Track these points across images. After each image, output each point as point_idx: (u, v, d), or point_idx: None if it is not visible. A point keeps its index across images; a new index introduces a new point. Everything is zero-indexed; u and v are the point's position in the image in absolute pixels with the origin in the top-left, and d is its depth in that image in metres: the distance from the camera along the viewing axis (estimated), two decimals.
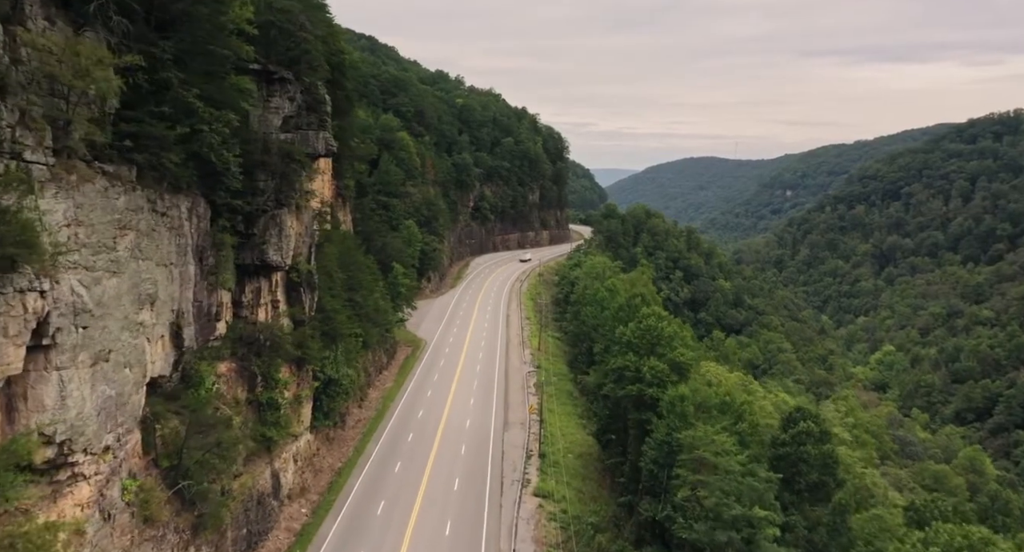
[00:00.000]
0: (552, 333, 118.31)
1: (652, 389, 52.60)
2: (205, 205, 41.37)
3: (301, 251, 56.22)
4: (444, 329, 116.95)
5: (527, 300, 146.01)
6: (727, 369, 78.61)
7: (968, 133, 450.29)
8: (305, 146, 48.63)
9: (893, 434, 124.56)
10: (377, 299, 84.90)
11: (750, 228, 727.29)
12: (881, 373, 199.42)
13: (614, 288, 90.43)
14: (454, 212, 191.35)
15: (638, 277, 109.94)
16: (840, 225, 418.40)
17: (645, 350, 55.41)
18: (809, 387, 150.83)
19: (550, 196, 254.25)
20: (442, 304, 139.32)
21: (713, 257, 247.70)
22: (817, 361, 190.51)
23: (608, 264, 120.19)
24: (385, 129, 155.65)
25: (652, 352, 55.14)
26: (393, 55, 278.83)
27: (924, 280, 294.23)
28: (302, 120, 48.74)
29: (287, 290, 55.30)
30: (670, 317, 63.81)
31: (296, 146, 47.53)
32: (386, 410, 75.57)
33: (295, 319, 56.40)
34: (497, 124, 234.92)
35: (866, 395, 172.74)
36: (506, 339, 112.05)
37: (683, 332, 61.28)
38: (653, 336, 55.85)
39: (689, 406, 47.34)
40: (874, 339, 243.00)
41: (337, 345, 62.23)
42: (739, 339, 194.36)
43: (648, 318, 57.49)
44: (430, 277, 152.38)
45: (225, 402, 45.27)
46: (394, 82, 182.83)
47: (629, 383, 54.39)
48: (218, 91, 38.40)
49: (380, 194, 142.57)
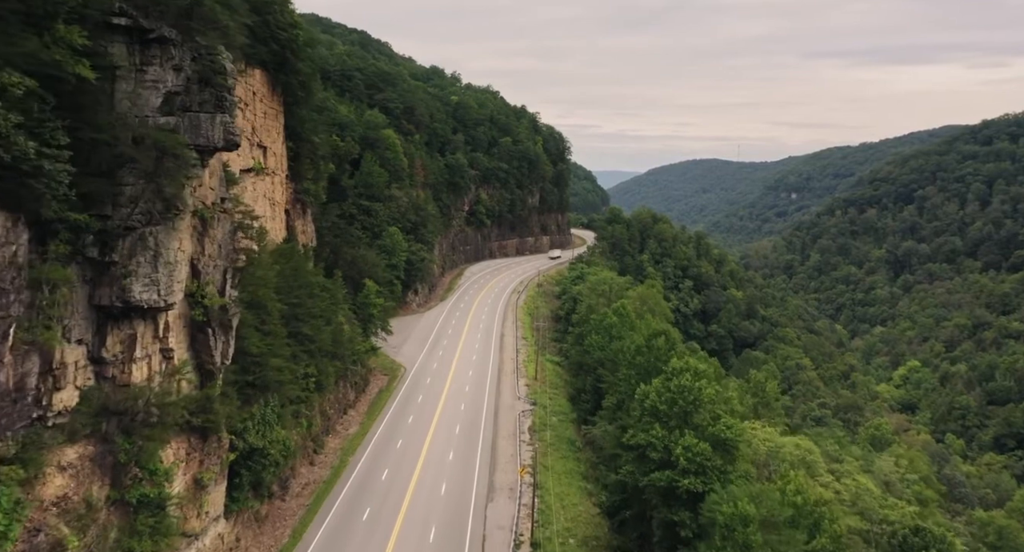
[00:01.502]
0: (551, 357, 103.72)
1: (688, 479, 38.12)
2: (13, 220, 27.00)
3: (210, 279, 41.71)
4: (428, 352, 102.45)
5: (524, 316, 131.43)
6: (774, 427, 63.82)
7: (982, 134, 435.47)
8: (194, 135, 34.14)
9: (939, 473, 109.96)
10: (339, 327, 70.45)
11: (754, 231, 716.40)
12: (908, 392, 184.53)
13: (624, 312, 75.95)
14: (447, 217, 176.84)
15: (647, 292, 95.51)
16: (851, 229, 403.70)
17: (676, 421, 40.81)
18: (836, 412, 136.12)
19: (551, 199, 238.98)
20: (429, 320, 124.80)
21: (724, 264, 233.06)
22: (839, 379, 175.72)
23: (616, 280, 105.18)
24: (369, 126, 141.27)
25: (686, 422, 40.61)
26: (386, 51, 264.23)
27: (944, 288, 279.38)
28: (192, 98, 34.24)
29: (189, 334, 40.82)
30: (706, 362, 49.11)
31: (179, 135, 33.00)
32: (344, 467, 60.98)
33: (202, 372, 41.91)
34: (494, 123, 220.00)
35: (894, 418, 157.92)
36: (498, 365, 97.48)
37: (727, 390, 46.48)
38: (688, 401, 41.24)
39: (754, 531, 32.38)
40: (895, 352, 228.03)
41: (268, 399, 47.66)
42: (755, 355, 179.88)
43: (680, 375, 42.63)
44: (417, 289, 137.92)
45: (66, 510, 30.73)
46: (381, 76, 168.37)
47: (655, 467, 39.79)
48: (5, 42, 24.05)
49: (362, 198, 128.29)
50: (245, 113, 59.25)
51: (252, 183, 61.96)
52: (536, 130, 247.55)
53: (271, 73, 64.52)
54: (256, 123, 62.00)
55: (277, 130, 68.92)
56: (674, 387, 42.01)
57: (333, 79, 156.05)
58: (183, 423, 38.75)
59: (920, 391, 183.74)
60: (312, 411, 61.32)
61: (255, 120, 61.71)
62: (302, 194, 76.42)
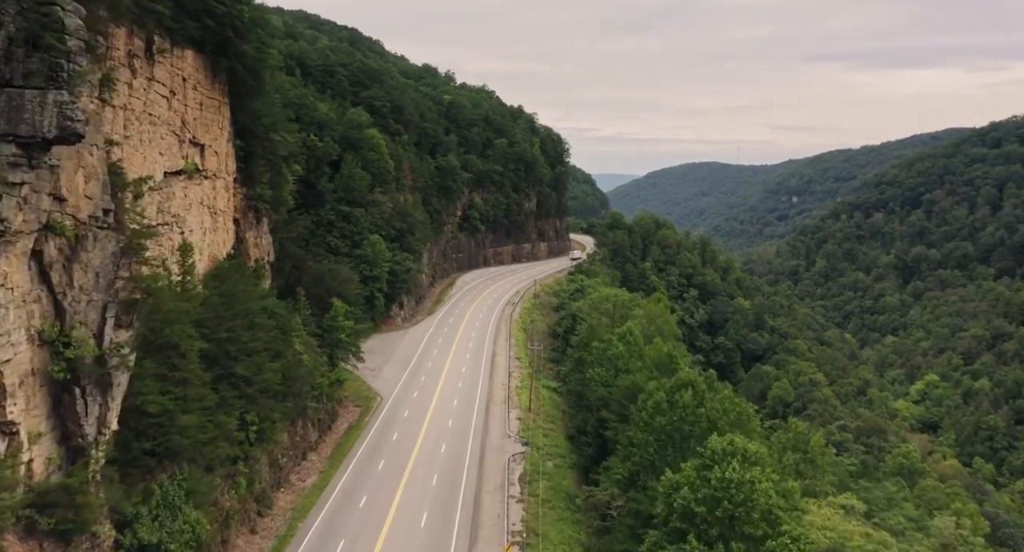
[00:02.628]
0: (547, 382, 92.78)
1: None
2: None
3: (80, 320, 30.75)
4: (410, 376, 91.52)
5: (518, 332, 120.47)
6: (837, 512, 52.20)
7: (991, 137, 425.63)
8: (15, 121, 23.17)
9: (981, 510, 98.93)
10: (295, 360, 59.45)
11: (755, 235, 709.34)
12: (928, 410, 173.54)
13: (631, 339, 65.03)
14: (438, 223, 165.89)
15: (654, 309, 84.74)
16: (857, 234, 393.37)
17: (719, 529, 29.61)
18: (858, 436, 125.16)
19: (548, 203, 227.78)
20: (415, 337, 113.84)
21: (730, 272, 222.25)
22: (855, 396, 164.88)
23: (620, 297, 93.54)
24: (351, 125, 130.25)
25: (732, 531, 29.59)
26: (376, 49, 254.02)
27: (957, 296, 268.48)
28: (14, 68, 23.37)
29: (49, 396, 29.87)
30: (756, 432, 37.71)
31: None
32: (292, 536, 49.85)
33: (69, 447, 30.96)
34: (489, 124, 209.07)
35: (916, 439, 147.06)
36: (487, 392, 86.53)
37: (791, 484, 34.45)
38: (736, 502, 29.98)
39: None
40: (910, 365, 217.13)
41: (176, 471, 36.63)
42: (766, 370, 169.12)
43: (724, 463, 30.96)
44: (403, 302, 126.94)
45: None
46: (367, 73, 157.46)
47: None
48: None
49: (342, 203, 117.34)
50: (172, 102, 48.26)
51: (183, 188, 50.94)
52: (533, 131, 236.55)
53: (209, 56, 53.53)
54: (187, 116, 50.99)
55: (220, 125, 57.94)
56: (716, 481, 30.67)
57: (314, 75, 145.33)
58: (27, 524, 27.78)
59: (942, 409, 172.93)
60: (254, 467, 50.25)
61: (186, 112, 50.71)
62: (255, 200, 65.42)
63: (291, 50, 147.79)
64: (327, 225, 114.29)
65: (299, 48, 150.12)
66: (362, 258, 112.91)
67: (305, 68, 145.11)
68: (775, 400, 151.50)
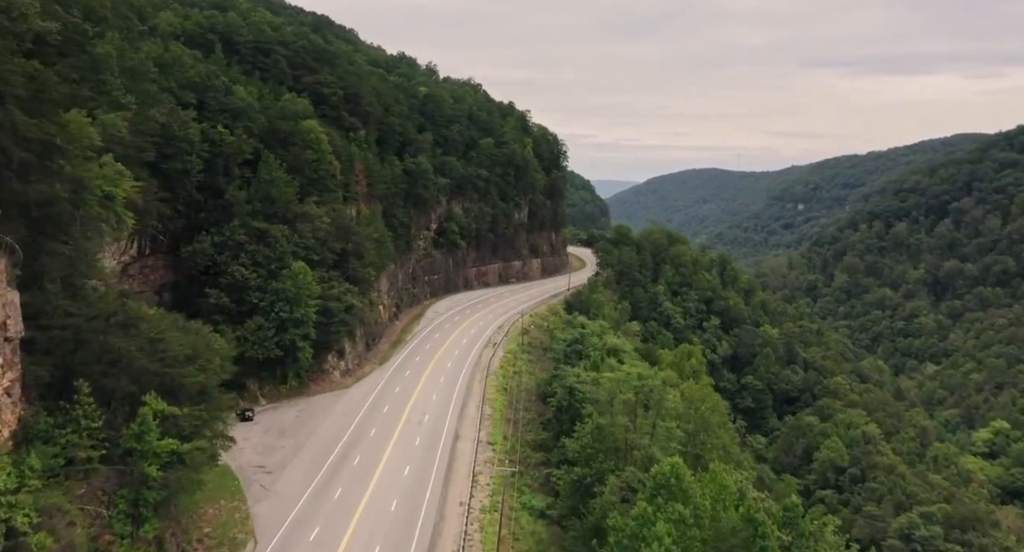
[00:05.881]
0: (530, 498, 61.05)
1: None
2: None
3: None
4: (324, 484, 60.19)
5: (496, 393, 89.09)
6: None
7: (1019, 140, 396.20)
8: None
9: None
10: None
11: (760, 244, 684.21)
12: (1008, 471, 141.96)
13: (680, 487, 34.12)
14: (405, 239, 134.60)
15: (698, 392, 53.24)
16: (879, 245, 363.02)
17: None
18: (948, 531, 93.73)
19: (542, 214, 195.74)
20: (351, 404, 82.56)
21: (753, 294, 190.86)
22: (917, 456, 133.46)
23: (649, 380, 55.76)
24: (281, 114, 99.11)
25: None
26: (349, 37, 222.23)
27: (1006, 319, 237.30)
28: None
29: None
30: None
31: None
32: None
33: None
34: (474, 121, 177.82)
35: (1008, 516, 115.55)
36: (435, 521, 55.11)
37: None
38: None
39: None
40: (966, 404, 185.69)
41: None
42: (808, 421, 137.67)
43: None
44: (343, 350, 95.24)
45: None
46: (315, 53, 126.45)
47: None
48: None
49: (257, 217, 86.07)
50: None
51: None
52: (526, 130, 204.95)
53: None
54: None
55: None
56: None
57: (242, 53, 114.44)
58: None
59: None
60: None
61: None
62: None
63: (213, 23, 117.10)
64: (234, 248, 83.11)
65: (225, 20, 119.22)
66: (279, 294, 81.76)
67: (231, 44, 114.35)
68: (824, 465, 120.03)
